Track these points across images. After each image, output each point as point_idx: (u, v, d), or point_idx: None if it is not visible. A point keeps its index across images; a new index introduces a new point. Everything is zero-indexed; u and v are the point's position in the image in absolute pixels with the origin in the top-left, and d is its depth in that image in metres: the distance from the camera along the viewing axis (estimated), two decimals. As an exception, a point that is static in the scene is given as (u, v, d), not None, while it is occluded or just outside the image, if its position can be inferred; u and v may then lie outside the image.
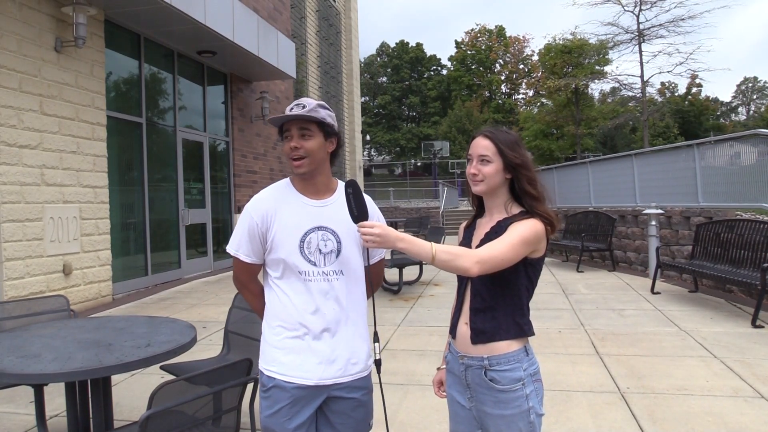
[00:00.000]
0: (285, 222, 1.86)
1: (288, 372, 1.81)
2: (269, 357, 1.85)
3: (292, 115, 1.83)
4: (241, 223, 1.90)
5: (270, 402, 1.81)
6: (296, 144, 1.83)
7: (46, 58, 6.51)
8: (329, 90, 19.39)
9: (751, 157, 7.37)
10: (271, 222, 1.86)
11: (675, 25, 24.01)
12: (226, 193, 11.16)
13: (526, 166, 1.75)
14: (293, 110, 1.83)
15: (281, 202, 1.89)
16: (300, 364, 1.81)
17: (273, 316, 1.88)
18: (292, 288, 1.85)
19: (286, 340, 1.83)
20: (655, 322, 5.73)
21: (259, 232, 1.86)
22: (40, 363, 2.31)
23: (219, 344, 4.41)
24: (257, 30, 10.01)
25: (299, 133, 1.84)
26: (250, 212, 1.88)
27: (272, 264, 1.88)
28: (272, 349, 1.85)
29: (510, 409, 1.71)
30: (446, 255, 1.61)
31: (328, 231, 1.88)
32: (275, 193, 1.92)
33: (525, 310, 1.78)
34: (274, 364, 1.83)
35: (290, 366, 1.81)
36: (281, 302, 1.86)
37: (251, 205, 1.90)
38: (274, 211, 1.87)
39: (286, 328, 1.84)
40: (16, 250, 6.05)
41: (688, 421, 3.33)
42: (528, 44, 50.92)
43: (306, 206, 1.89)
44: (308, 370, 1.80)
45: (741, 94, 65.58)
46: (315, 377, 1.80)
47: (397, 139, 53.05)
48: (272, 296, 1.89)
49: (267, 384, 1.83)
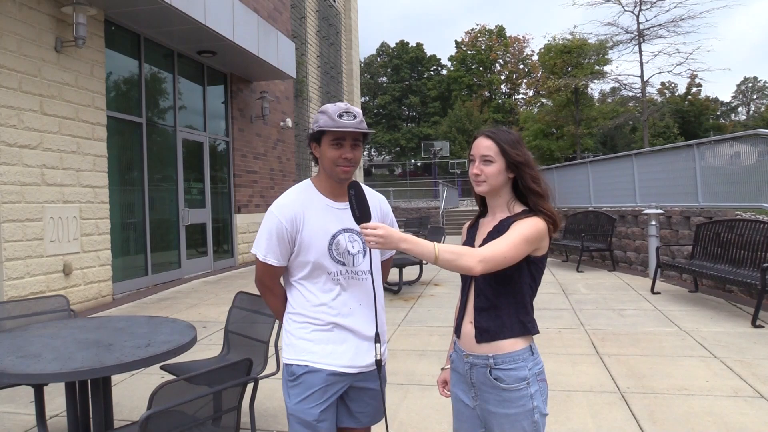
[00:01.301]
0: (313, 225, 1.91)
1: (320, 360, 1.89)
2: (299, 348, 1.92)
3: (353, 128, 1.84)
4: (268, 226, 1.92)
5: (301, 389, 1.88)
6: (350, 155, 1.88)
7: (46, 58, 6.51)
8: (329, 90, 19.38)
9: (751, 157, 7.37)
10: (300, 225, 1.90)
11: (675, 25, 24.02)
12: (226, 193, 11.16)
13: (528, 164, 1.76)
14: (343, 118, 1.84)
15: (308, 205, 1.93)
16: (330, 352, 1.90)
17: (298, 314, 1.95)
18: (319, 287, 1.92)
19: (315, 332, 1.91)
20: (655, 322, 5.73)
21: (288, 235, 1.90)
22: (40, 363, 2.31)
23: (219, 344, 4.41)
24: (257, 30, 10.01)
25: (353, 144, 1.89)
26: (278, 216, 1.91)
27: (299, 265, 1.94)
28: (301, 341, 1.92)
29: (514, 408, 1.71)
30: (449, 255, 1.61)
31: (354, 233, 1.95)
32: (301, 196, 1.96)
33: (529, 309, 1.78)
34: (305, 353, 1.90)
35: (321, 354, 1.89)
36: (308, 300, 1.93)
37: (279, 209, 1.92)
38: (302, 214, 1.91)
39: (314, 323, 1.92)
40: (16, 250, 6.05)
41: (688, 421, 3.33)
42: (528, 44, 50.98)
43: (331, 209, 1.95)
44: (338, 357, 1.89)
45: (741, 94, 65.56)
46: (345, 364, 1.90)
47: (397, 139, 53.03)
48: (297, 295, 1.96)
49: (298, 372, 1.89)
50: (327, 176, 1.95)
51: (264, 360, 3.25)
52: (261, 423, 3.34)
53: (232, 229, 11.25)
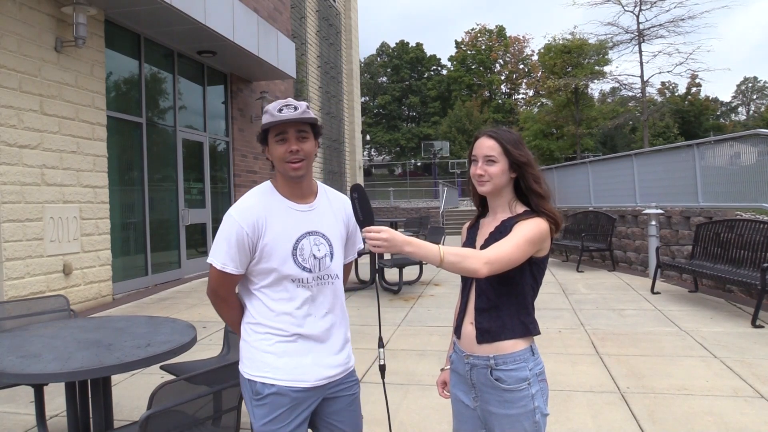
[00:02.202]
0: (276, 230, 1.79)
1: (284, 376, 1.76)
2: (260, 363, 1.78)
3: (295, 117, 1.75)
4: (227, 233, 1.79)
5: (267, 409, 1.75)
6: (296, 147, 1.77)
7: (46, 58, 6.51)
8: (329, 90, 19.38)
9: (751, 157, 7.37)
10: (262, 231, 1.77)
11: (675, 25, 24.04)
12: (226, 193, 11.16)
13: (531, 165, 1.76)
14: (283, 111, 1.75)
15: (269, 208, 1.81)
16: (295, 366, 1.77)
17: (259, 324, 1.81)
18: (282, 295, 1.80)
19: (278, 344, 1.78)
20: (655, 322, 5.73)
21: (249, 241, 1.77)
22: (40, 363, 2.31)
23: (219, 344, 4.41)
24: (257, 30, 10.01)
25: (297, 136, 1.78)
26: (239, 221, 1.78)
27: (260, 273, 1.81)
28: (262, 354, 1.79)
29: (515, 408, 1.71)
30: (454, 257, 1.60)
31: (319, 235, 1.84)
32: (261, 199, 1.84)
33: (530, 309, 1.78)
34: (268, 369, 1.77)
35: (285, 370, 1.76)
36: (270, 309, 1.80)
37: (238, 214, 1.79)
38: (264, 219, 1.78)
39: (276, 333, 1.79)
40: (16, 250, 6.05)
41: (688, 421, 3.33)
42: (528, 44, 50.95)
43: (293, 211, 1.83)
44: (305, 372, 1.77)
45: (741, 94, 65.57)
46: (312, 378, 1.78)
47: (397, 139, 53.04)
48: (258, 304, 1.83)
49: (263, 392, 1.76)
50: (283, 178, 1.83)
51: (264, 360, 3.24)
52: (261, 423, 3.33)
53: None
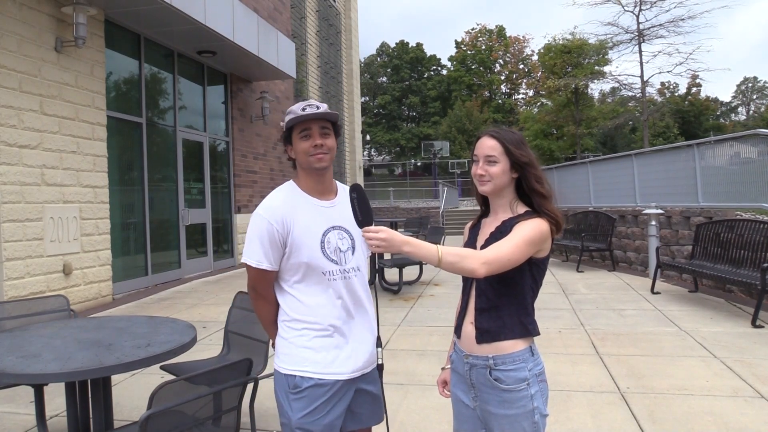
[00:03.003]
0: (303, 224, 1.88)
1: (323, 370, 1.84)
2: (299, 358, 1.86)
3: (318, 113, 1.86)
4: (258, 231, 1.87)
5: (306, 402, 1.83)
6: (320, 141, 1.88)
7: (46, 58, 6.51)
8: (329, 90, 19.38)
9: (751, 157, 7.37)
10: (290, 226, 1.87)
11: (675, 25, 23.98)
12: (227, 193, 11.16)
13: (533, 165, 1.76)
14: (306, 110, 1.86)
15: (295, 205, 1.91)
16: (332, 360, 1.86)
17: (295, 320, 1.89)
18: (314, 289, 1.89)
19: (316, 339, 1.87)
20: (655, 322, 5.73)
21: (279, 237, 1.86)
22: (40, 363, 2.31)
23: (219, 344, 4.40)
24: (257, 30, 10.01)
25: (320, 132, 1.88)
26: (267, 218, 1.86)
27: (291, 268, 1.89)
28: (301, 350, 1.87)
29: (514, 408, 1.71)
30: (452, 257, 1.60)
31: (342, 230, 1.94)
32: (286, 196, 1.93)
33: (530, 310, 1.77)
34: (307, 363, 1.85)
35: (324, 363, 1.85)
36: (305, 305, 1.89)
37: (267, 212, 1.88)
38: (291, 214, 1.88)
39: (314, 329, 1.87)
40: (16, 250, 6.05)
41: (688, 421, 3.33)
42: (528, 44, 50.90)
43: (317, 207, 1.93)
44: (341, 365, 1.86)
45: (741, 94, 65.54)
46: (348, 371, 1.87)
47: (397, 139, 53.01)
48: (291, 301, 1.91)
49: (302, 385, 1.84)
50: (307, 174, 1.93)
51: (264, 360, 3.24)
52: (261, 423, 3.33)
53: (232, 229, 11.25)
